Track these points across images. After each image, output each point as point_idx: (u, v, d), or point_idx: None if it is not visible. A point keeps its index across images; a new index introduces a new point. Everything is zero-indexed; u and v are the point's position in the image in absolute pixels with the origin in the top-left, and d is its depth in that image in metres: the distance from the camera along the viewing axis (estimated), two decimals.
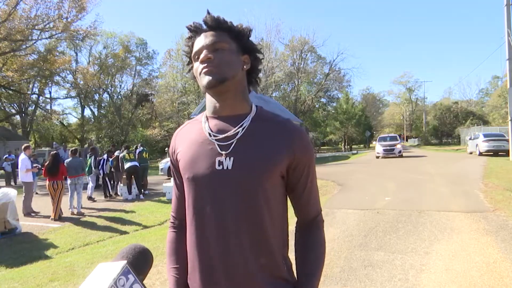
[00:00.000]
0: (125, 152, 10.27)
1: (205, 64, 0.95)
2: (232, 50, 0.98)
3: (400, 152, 21.07)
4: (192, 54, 1.01)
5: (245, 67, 1.02)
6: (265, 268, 0.94)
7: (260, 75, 1.13)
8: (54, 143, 19.50)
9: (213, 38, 0.97)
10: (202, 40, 0.98)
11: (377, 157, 21.52)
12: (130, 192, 10.06)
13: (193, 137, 1.02)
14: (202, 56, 0.96)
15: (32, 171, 8.59)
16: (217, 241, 0.94)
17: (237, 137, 0.96)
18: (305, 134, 1.01)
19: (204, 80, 0.95)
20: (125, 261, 0.89)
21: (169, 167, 14.78)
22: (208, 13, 1.00)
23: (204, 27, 1.00)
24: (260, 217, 0.93)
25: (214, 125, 1.00)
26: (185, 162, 1.00)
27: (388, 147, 21.31)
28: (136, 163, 10.16)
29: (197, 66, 0.98)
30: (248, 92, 1.05)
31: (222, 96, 0.99)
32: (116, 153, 11.25)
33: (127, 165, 10.01)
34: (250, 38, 1.05)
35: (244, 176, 0.93)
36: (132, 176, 10.30)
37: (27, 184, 8.42)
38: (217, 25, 0.98)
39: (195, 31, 1.01)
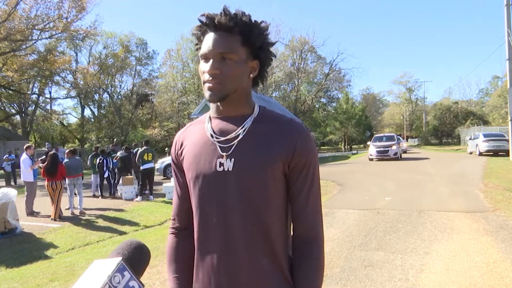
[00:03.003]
0: (143, 148, 10.18)
1: (210, 78, 0.92)
2: (240, 61, 0.93)
3: (396, 154, 19.01)
4: (200, 53, 0.97)
5: (251, 75, 0.98)
6: (268, 269, 0.94)
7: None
8: (46, 143, 19.50)
9: (223, 47, 0.91)
10: (211, 45, 0.92)
11: (370, 160, 19.61)
12: (141, 193, 10.00)
13: (196, 137, 1.02)
14: (208, 67, 0.92)
15: (36, 166, 8.59)
16: (220, 242, 0.94)
17: (238, 138, 0.95)
18: (308, 135, 0.98)
19: (206, 94, 0.94)
20: (120, 258, 0.86)
21: (164, 167, 14.81)
22: (225, 12, 0.92)
23: (217, 25, 0.92)
24: (262, 218, 0.93)
25: (216, 125, 0.99)
26: (188, 162, 1.00)
27: (382, 148, 19.26)
28: (153, 165, 10.16)
29: (203, 70, 0.95)
30: (251, 95, 1.03)
31: (224, 103, 0.98)
32: (118, 154, 11.25)
33: (144, 166, 9.95)
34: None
35: (244, 177, 0.92)
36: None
37: (29, 184, 8.41)
38: (230, 28, 0.92)
39: (207, 24, 0.94)
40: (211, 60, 0.93)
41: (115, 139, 19.88)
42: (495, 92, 47.70)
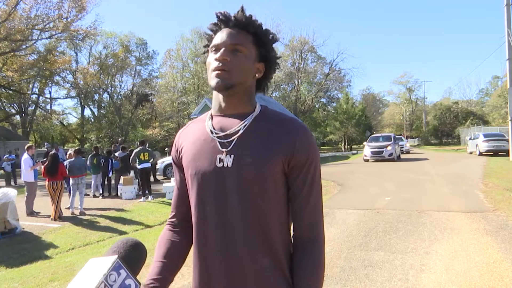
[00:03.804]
0: (139, 148, 10.12)
1: (219, 65, 0.94)
2: (250, 56, 0.97)
3: (391, 155, 18.37)
4: (211, 45, 0.99)
5: (256, 75, 1.02)
6: (267, 268, 0.93)
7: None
8: (46, 143, 19.54)
9: (236, 38, 0.96)
10: (225, 36, 0.96)
11: (365, 160, 19.14)
12: (144, 193, 9.96)
13: (196, 135, 1.03)
14: (218, 55, 0.95)
15: (36, 167, 8.59)
16: (218, 239, 0.94)
17: (237, 134, 0.96)
18: (309, 133, 0.98)
19: (213, 81, 0.95)
20: (116, 256, 0.85)
21: (165, 167, 14.79)
22: (242, 10, 0.98)
23: (233, 21, 0.97)
24: (262, 216, 0.93)
25: (217, 122, 1.00)
26: (188, 158, 1.01)
27: (376, 149, 18.70)
28: (149, 164, 10.13)
29: (211, 60, 0.97)
30: (254, 96, 1.05)
31: (227, 98, 0.99)
32: (116, 154, 11.26)
33: (141, 166, 9.92)
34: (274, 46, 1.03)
35: (243, 173, 0.92)
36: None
37: (29, 184, 8.41)
38: (245, 26, 0.97)
39: (223, 20, 0.99)
40: (222, 49, 0.95)
41: (119, 139, 19.66)
42: (495, 92, 47.70)
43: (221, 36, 0.97)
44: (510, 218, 5.56)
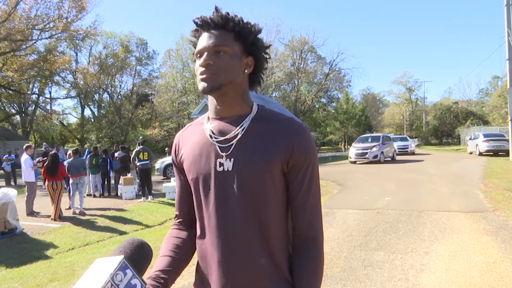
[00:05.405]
0: (139, 148, 10.10)
1: (204, 69, 0.94)
2: (234, 54, 0.96)
3: (376, 156, 17.34)
4: (195, 52, 0.99)
5: (246, 71, 1.00)
6: (267, 268, 0.94)
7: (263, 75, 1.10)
8: (44, 143, 19.54)
9: (216, 40, 0.94)
10: (205, 41, 0.95)
11: (352, 162, 18.29)
12: (144, 193, 9.92)
13: (195, 138, 1.03)
14: (201, 60, 0.95)
15: (36, 168, 8.58)
16: (219, 241, 0.94)
17: (236, 138, 0.96)
18: (308, 133, 0.98)
19: (200, 85, 0.95)
20: (122, 256, 0.86)
21: (164, 167, 14.80)
22: (216, 10, 0.96)
23: (210, 23, 0.97)
24: (262, 217, 0.93)
25: (215, 126, 1.00)
26: (189, 163, 1.01)
27: (360, 150, 17.83)
28: (148, 163, 10.06)
29: (197, 67, 0.97)
30: (249, 93, 1.04)
31: (220, 99, 0.99)
32: (116, 154, 11.26)
33: (139, 164, 9.89)
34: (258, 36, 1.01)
35: (244, 177, 0.93)
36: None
37: (30, 184, 8.41)
38: (222, 25, 0.95)
39: (201, 25, 0.98)
40: (204, 54, 0.95)
41: (140, 137, 19.41)
42: (495, 92, 47.68)
43: (201, 41, 0.97)
44: (510, 218, 5.56)
